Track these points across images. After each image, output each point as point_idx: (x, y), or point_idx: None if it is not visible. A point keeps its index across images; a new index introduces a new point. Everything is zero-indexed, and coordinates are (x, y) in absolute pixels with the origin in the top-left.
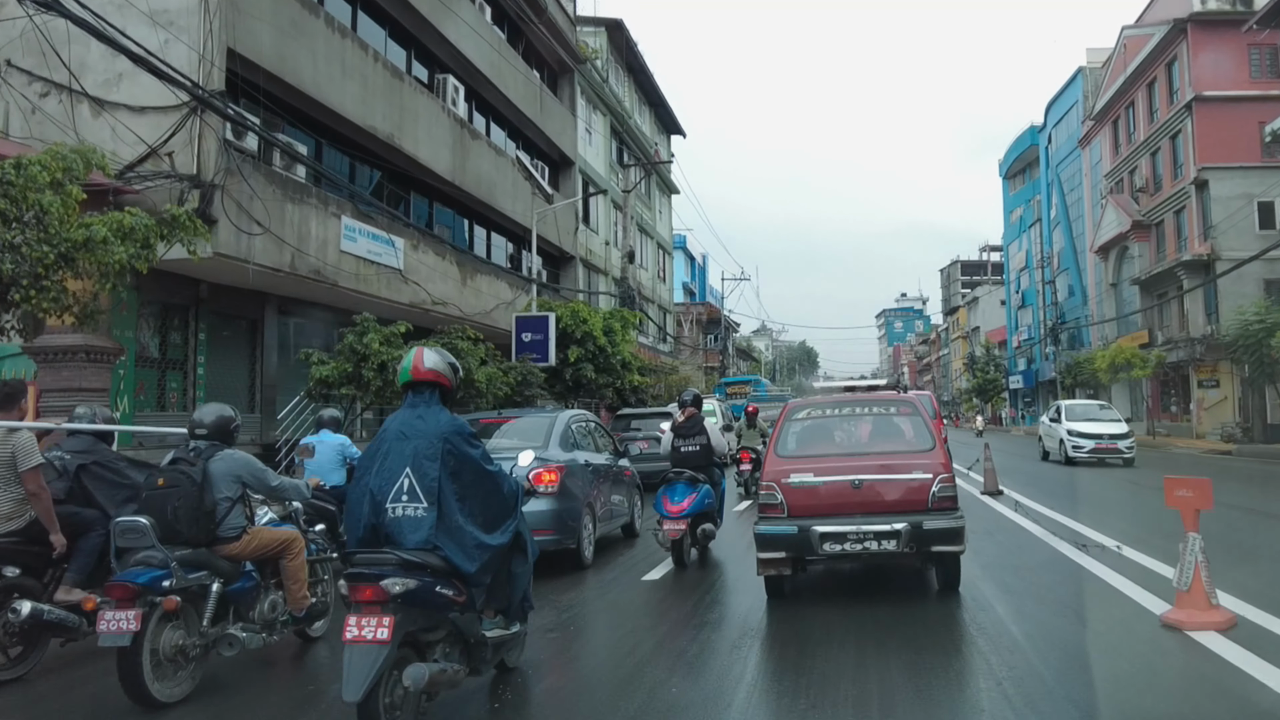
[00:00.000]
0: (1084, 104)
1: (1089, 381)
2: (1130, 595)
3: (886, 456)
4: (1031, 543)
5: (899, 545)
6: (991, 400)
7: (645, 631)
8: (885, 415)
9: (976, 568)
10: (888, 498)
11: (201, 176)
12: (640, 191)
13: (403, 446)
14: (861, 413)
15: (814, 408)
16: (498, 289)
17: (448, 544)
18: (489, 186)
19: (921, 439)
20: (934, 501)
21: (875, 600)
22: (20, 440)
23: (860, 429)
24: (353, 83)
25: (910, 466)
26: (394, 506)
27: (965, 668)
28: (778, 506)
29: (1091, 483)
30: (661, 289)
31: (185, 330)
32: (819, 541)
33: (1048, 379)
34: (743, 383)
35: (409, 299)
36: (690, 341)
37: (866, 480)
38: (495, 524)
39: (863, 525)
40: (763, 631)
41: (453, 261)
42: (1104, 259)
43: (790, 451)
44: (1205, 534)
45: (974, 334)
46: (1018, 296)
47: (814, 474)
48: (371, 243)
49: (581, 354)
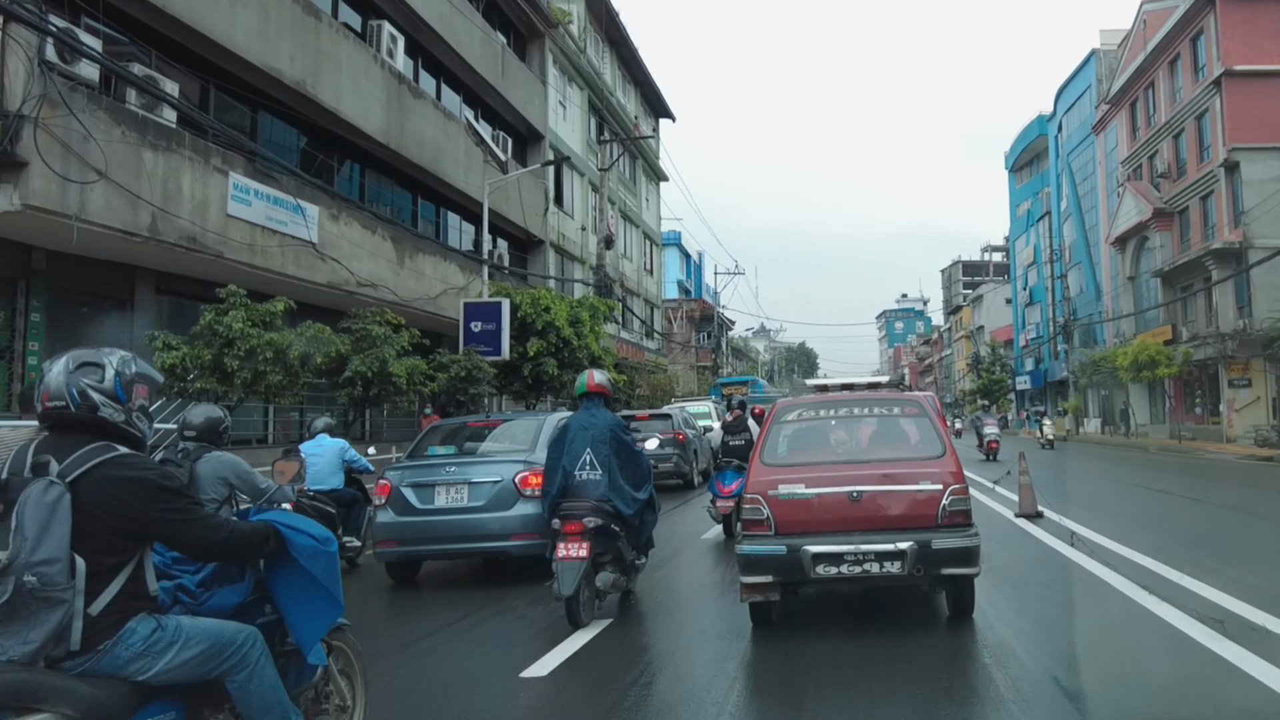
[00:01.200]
0: (1097, 88)
1: (1105, 381)
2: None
3: (890, 465)
4: (1117, 610)
5: (904, 567)
6: (998, 402)
7: None
8: (888, 417)
9: (1031, 652)
10: (891, 512)
11: (5, 105)
12: (624, 177)
13: (584, 435)
14: (861, 414)
15: (806, 408)
16: (446, 272)
17: (615, 497)
18: (435, 154)
19: (930, 444)
20: (945, 516)
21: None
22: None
23: (859, 433)
24: (247, 12)
25: (917, 476)
26: (579, 473)
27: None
28: (763, 523)
29: (1171, 504)
30: (648, 282)
31: (11, 309)
32: (811, 563)
33: (1057, 379)
34: (739, 383)
35: (326, 278)
36: (681, 338)
37: (866, 492)
38: (640, 485)
39: (862, 544)
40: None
41: (386, 237)
42: (1121, 251)
43: (779, 459)
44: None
45: (978, 333)
46: (1025, 293)
47: (806, 485)
48: (272, 208)
49: (542, 347)
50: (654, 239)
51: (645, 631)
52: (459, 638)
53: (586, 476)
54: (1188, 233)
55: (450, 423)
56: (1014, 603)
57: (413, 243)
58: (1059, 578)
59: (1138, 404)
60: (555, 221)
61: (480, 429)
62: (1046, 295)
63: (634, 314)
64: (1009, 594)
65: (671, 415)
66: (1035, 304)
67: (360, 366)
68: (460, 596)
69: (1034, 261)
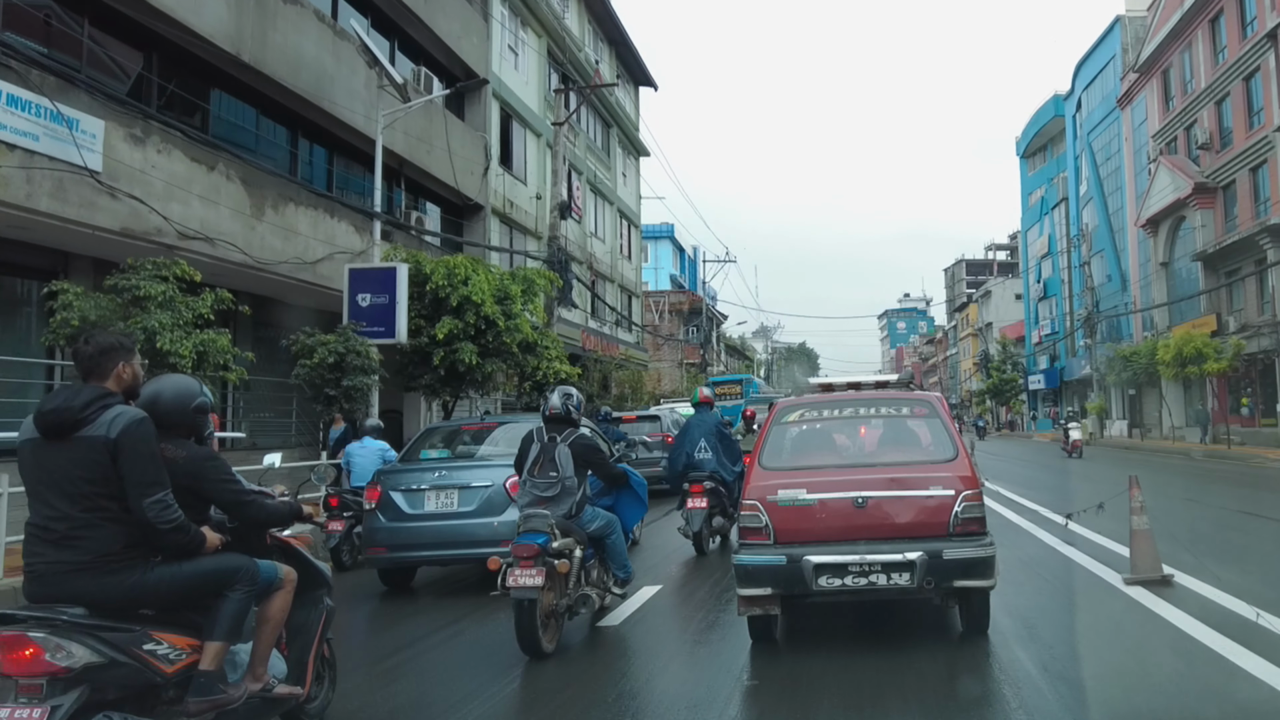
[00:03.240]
0: (1122, 59)
1: (1137, 379)
2: None
3: (898, 468)
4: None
5: (913, 580)
6: (1009, 402)
7: None
8: (896, 417)
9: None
10: (899, 520)
11: None
12: (595, 145)
13: (699, 429)
14: (867, 414)
15: (808, 408)
16: (333, 232)
17: (719, 470)
18: (316, 79)
19: (941, 446)
20: (957, 524)
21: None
22: None
23: (865, 434)
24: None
25: (927, 481)
26: (696, 453)
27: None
28: (762, 531)
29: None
30: (624, 267)
31: None
32: (813, 575)
33: (1076, 378)
34: (733, 382)
35: (118, 223)
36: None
37: (873, 498)
38: (735, 463)
39: (868, 555)
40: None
41: (232, 177)
42: (1153, 233)
43: (779, 462)
44: None
45: (986, 330)
46: (1038, 286)
47: (807, 490)
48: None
49: (457, 328)
50: (631, 219)
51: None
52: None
53: (702, 456)
54: (1234, 210)
55: (446, 425)
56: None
57: (277, 189)
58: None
59: (1174, 404)
60: (502, 186)
61: (478, 432)
62: (1063, 288)
63: (604, 301)
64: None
65: (660, 417)
66: (1050, 298)
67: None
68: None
69: (1048, 252)
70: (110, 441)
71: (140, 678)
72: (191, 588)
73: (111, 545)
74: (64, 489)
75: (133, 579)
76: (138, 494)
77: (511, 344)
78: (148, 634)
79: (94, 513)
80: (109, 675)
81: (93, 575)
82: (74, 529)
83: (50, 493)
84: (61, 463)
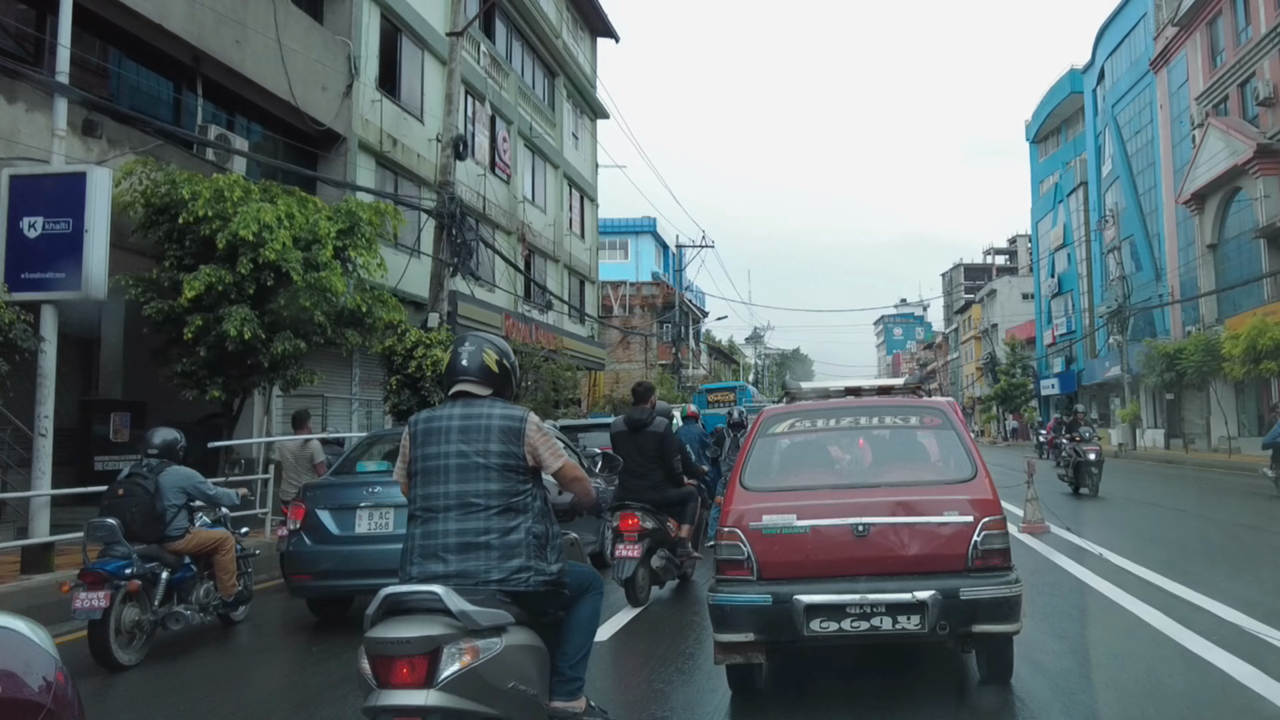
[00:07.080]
0: (1156, 16)
1: (1182, 381)
2: None
3: (906, 490)
4: None
5: (924, 624)
6: (1019, 409)
7: None
8: (903, 428)
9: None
10: (907, 552)
11: None
12: (530, 89)
13: (690, 429)
14: (869, 424)
15: (799, 417)
16: (14, 124)
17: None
18: None
19: (956, 463)
20: (977, 557)
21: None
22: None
23: (866, 448)
24: None
25: (941, 505)
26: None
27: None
28: (743, 564)
29: None
30: (575, 246)
31: None
32: (804, 617)
33: (1098, 380)
34: (727, 389)
35: None
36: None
37: (876, 525)
38: (681, 484)
39: (870, 594)
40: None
41: None
42: (1198, 211)
43: (764, 482)
44: None
45: (991, 332)
46: (1051, 282)
47: (798, 515)
48: None
49: (218, 281)
50: (585, 190)
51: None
52: None
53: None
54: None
55: (391, 432)
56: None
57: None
58: None
59: (1226, 408)
60: (378, 117)
61: None
62: (1081, 282)
63: (539, 285)
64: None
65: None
66: (1065, 294)
67: None
68: None
69: (1064, 243)
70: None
71: (667, 537)
72: (670, 503)
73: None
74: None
75: (666, 493)
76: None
77: (314, 307)
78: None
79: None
80: (657, 535)
81: (650, 491)
82: (648, 472)
83: (639, 458)
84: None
